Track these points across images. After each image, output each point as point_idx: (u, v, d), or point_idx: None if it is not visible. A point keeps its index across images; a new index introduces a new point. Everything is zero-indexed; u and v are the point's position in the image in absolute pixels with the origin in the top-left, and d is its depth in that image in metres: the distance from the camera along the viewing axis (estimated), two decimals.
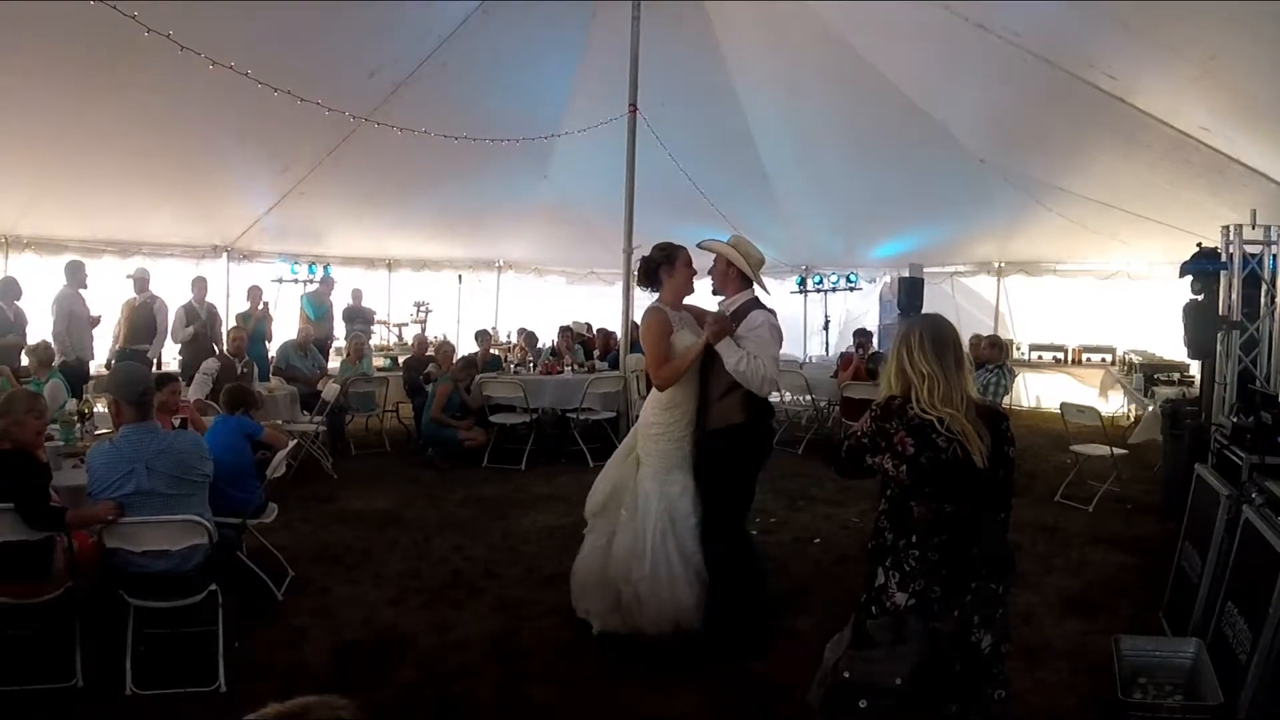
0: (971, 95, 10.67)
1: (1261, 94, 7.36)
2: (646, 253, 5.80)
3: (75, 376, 9.92)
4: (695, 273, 5.64)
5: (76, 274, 10.94)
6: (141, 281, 11.62)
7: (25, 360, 9.50)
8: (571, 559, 6.19)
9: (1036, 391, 15.62)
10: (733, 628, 5.28)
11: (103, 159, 10.50)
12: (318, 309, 13.65)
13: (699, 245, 5.68)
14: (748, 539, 5.75)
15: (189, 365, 10.71)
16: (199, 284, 12.26)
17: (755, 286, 5.50)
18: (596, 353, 13.63)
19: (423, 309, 15.87)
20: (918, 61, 10.32)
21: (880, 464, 3.23)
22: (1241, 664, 4.28)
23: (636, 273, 5.95)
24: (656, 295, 5.63)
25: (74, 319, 10.71)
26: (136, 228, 12.75)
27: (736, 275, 5.46)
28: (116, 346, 11.41)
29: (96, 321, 11.14)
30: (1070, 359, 15.12)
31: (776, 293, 17.68)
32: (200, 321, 11.80)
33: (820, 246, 16.90)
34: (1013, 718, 4.49)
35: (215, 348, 11.21)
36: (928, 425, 3.14)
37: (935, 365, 3.20)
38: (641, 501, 5.41)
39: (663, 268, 5.55)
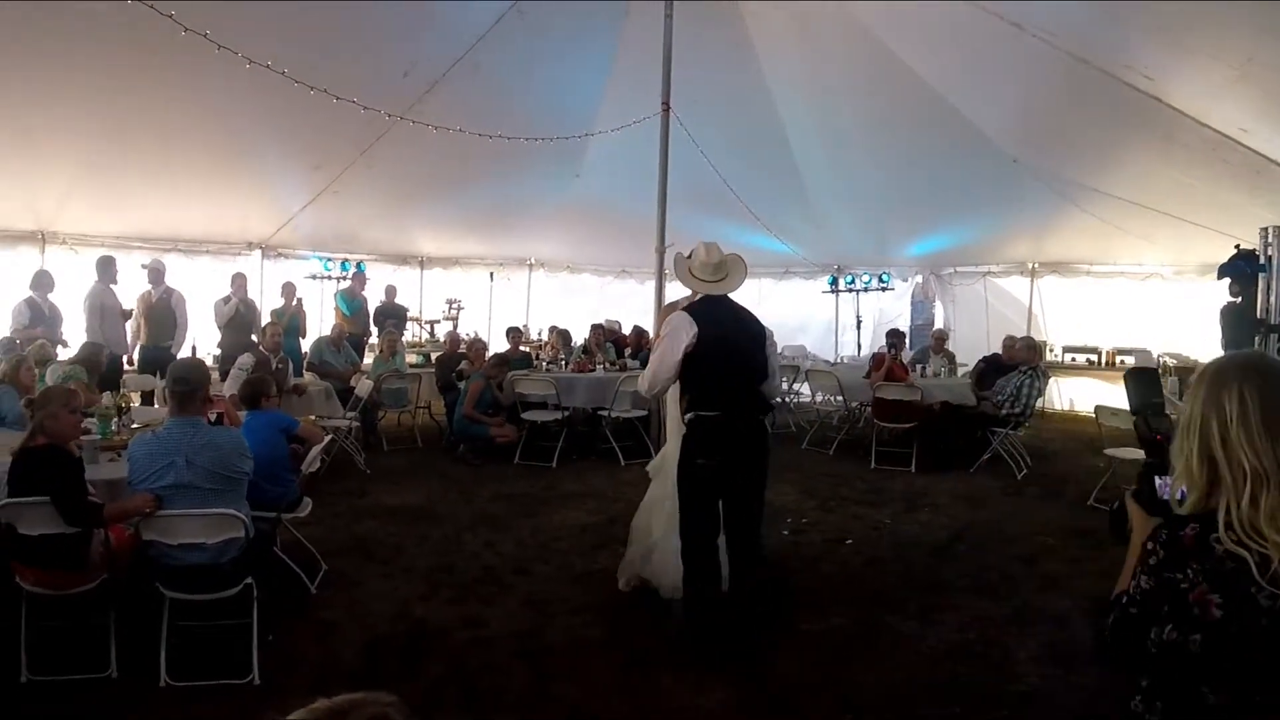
0: (1005, 94, 10.58)
1: None
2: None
3: (110, 371, 10.00)
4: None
5: (107, 269, 11.01)
6: (157, 273, 11.63)
7: (62, 355, 9.58)
8: (603, 557, 6.38)
9: (1069, 394, 15.49)
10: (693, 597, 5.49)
11: (138, 156, 10.58)
12: (351, 304, 13.73)
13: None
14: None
15: (228, 358, 10.76)
16: (239, 279, 12.35)
17: (718, 285, 5.55)
18: (628, 351, 13.64)
19: (454, 306, 15.92)
20: (951, 60, 10.24)
21: (1165, 637, 2.00)
22: None
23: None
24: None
25: (106, 314, 10.80)
26: (171, 224, 12.83)
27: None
28: (140, 343, 11.44)
29: (129, 315, 11.23)
30: (1104, 361, 14.92)
31: (808, 292, 17.79)
32: (237, 302, 11.93)
33: (852, 245, 16.81)
34: None
35: (254, 340, 11.27)
36: (1244, 568, 1.89)
37: (1267, 454, 1.93)
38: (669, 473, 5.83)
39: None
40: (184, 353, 11.18)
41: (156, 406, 9.34)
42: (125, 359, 11.22)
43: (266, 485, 5.81)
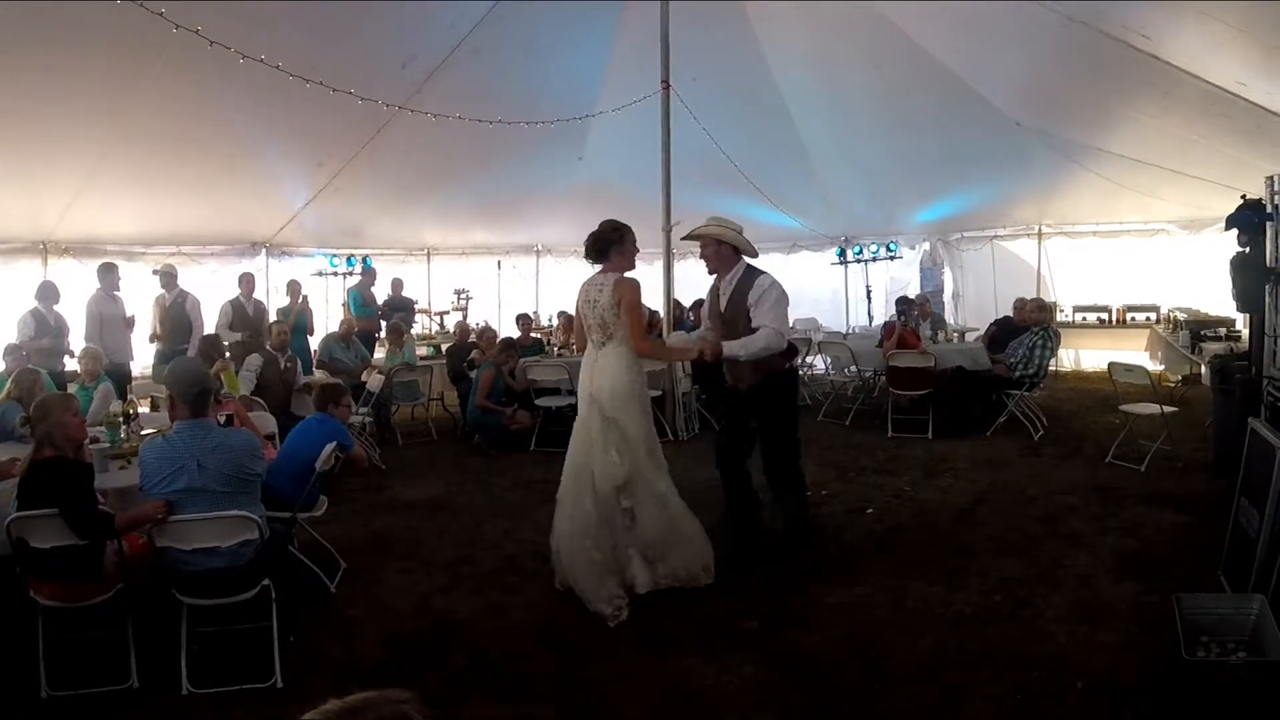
0: (1005, 59, 10.51)
1: None
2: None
3: (114, 380, 9.97)
4: (639, 251, 6.27)
5: (108, 276, 10.91)
6: (169, 278, 11.57)
7: (69, 365, 9.62)
8: None
9: (1082, 353, 15.44)
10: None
11: (137, 159, 10.47)
12: (365, 310, 13.63)
13: (684, 238, 6.74)
14: None
15: (235, 362, 10.71)
16: (246, 280, 12.28)
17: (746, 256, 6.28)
18: None
19: (463, 296, 15.86)
20: (950, 27, 10.16)
21: None
22: None
23: (586, 247, 6.37)
24: (600, 268, 6.25)
25: (105, 323, 10.70)
26: (175, 227, 12.76)
27: (729, 252, 6.27)
28: (158, 349, 11.38)
29: (132, 322, 11.13)
30: (1115, 319, 14.88)
31: (816, 265, 17.68)
32: (247, 332, 11.77)
33: (859, 216, 16.71)
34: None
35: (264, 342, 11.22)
36: None
37: None
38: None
39: (614, 246, 6.14)
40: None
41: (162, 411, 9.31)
42: (133, 366, 11.19)
43: (288, 487, 5.78)
